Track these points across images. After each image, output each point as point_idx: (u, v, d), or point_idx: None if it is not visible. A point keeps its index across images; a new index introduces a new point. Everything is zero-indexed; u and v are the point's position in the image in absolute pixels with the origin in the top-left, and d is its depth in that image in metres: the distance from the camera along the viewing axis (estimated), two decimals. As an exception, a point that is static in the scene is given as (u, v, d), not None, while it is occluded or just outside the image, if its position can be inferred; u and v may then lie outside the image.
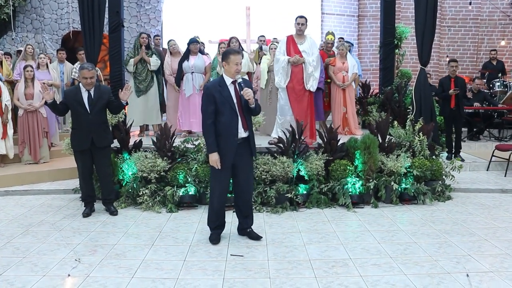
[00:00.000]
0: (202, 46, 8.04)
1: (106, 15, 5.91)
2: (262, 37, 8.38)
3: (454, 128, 7.44)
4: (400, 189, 5.32)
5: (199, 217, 4.87)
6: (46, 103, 4.81)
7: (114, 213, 4.97)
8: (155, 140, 5.42)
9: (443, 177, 5.72)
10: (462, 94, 7.48)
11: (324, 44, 7.97)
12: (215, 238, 4.11)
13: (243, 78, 4.04)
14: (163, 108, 7.28)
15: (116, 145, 5.59)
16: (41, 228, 4.55)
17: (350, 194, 5.22)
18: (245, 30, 9.35)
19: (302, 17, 5.85)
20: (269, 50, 7.04)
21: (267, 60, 6.79)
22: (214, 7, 10.96)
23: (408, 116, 6.33)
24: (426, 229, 4.50)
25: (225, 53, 3.95)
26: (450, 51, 12.29)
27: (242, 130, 3.91)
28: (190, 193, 5.18)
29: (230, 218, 4.57)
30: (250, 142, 4.00)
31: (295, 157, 5.31)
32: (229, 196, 4.59)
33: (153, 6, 11.15)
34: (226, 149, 3.87)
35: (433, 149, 5.79)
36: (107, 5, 5.96)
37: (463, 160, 7.22)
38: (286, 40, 5.93)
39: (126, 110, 6.40)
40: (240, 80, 3.91)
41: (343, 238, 4.22)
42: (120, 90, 5.03)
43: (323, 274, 3.44)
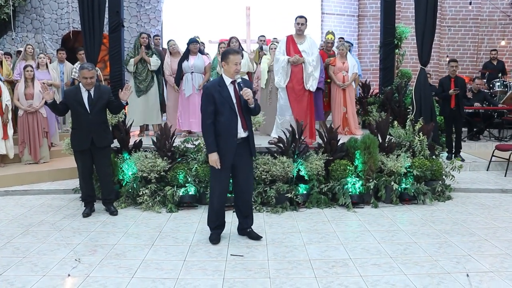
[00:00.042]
0: (202, 46, 8.05)
1: (106, 15, 5.91)
2: (262, 37, 8.38)
3: (454, 128, 7.43)
4: (400, 189, 5.32)
5: (199, 217, 4.87)
6: (46, 103, 4.81)
7: (114, 213, 4.97)
8: (155, 140, 5.42)
9: (443, 177, 5.72)
10: (462, 94, 7.48)
11: (324, 44, 7.97)
12: (215, 238, 4.11)
13: (243, 78, 4.03)
14: (163, 108, 7.28)
15: (116, 145, 5.59)
16: (41, 228, 4.55)
17: (350, 194, 5.22)
18: (245, 30, 9.35)
19: (302, 17, 5.85)
20: (269, 50, 7.04)
21: (267, 60, 6.79)
22: (214, 7, 10.96)
23: (408, 116, 6.33)
24: (426, 229, 4.50)
25: (224, 53, 3.95)
26: (450, 51, 12.29)
27: (241, 130, 3.91)
28: (190, 193, 5.18)
29: (230, 218, 4.57)
30: (250, 142, 4.00)
31: (295, 157, 5.31)
32: (229, 196, 4.59)
33: (153, 6, 11.15)
34: (225, 149, 3.87)
35: (433, 149, 5.79)
36: (107, 5, 5.96)
37: (463, 160, 7.22)
38: (286, 40, 5.93)
39: (126, 110, 6.39)
40: (239, 80, 3.91)
41: (343, 238, 4.22)
42: (120, 90, 5.03)
43: (323, 274, 3.44)
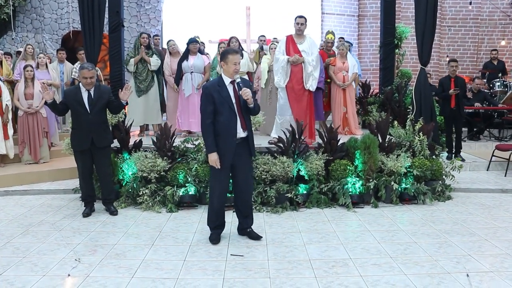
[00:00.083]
0: (202, 46, 8.05)
1: (106, 15, 5.91)
2: (263, 37, 8.39)
3: (455, 128, 7.43)
4: (400, 189, 5.32)
5: (199, 217, 4.87)
6: (46, 103, 4.81)
7: (114, 213, 4.97)
8: (155, 140, 5.41)
9: (443, 177, 5.72)
10: (462, 94, 7.49)
11: (324, 43, 7.97)
12: (215, 238, 4.11)
13: (242, 78, 4.03)
14: (164, 108, 7.28)
15: (116, 145, 5.59)
16: (41, 228, 4.55)
17: (350, 194, 5.22)
18: (245, 30, 9.34)
19: (301, 17, 5.85)
20: (269, 50, 7.04)
21: (268, 59, 6.79)
22: (214, 7, 10.96)
23: (408, 116, 6.33)
24: (426, 229, 4.50)
25: (223, 53, 3.95)
26: (450, 51, 12.28)
27: (240, 130, 3.91)
28: (190, 193, 5.18)
29: (230, 218, 4.57)
30: (249, 142, 3.99)
31: (295, 157, 5.31)
32: (229, 196, 4.59)
33: (153, 6, 11.15)
34: (225, 149, 3.87)
35: (433, 149, 5.79)
36: (107, 5, 5.95)
37: (464, 160, 7.22)
38: (286, 39, 5.93)
39: (126, 110, 6.39)
40: (238, 80, 3.90)
41: (343, 238, 4.22)
42: (120, 90, 5.03)
43: (323, 274, 3.44)
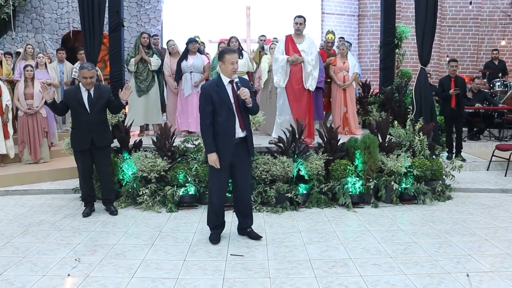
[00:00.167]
0: (202, 46, 8.05)
1: (106, 15, 5.91)
2: (263, 36, 8.38)
3: (455, 128, 7.43)
4: (400, 189, 5.32)
5: (199, 217, 4.87)
6: (46, 103, 4.81)
7: (114, 213, 4.97)
8: (155, 139, 5.41)
9: (443, 177, 5.72)
10: (462, 94, 7.49)
11: (324, 43, 7.96)
12: (215, 238, 4.11)
13: (241, 77, 4.01)
14: (164, 107, 7.28)
15: (116, 144, 5.59)
16: (41, 228, 4.55)
17: (350, 194, 5.22)
18: (245, 30, 9.35)
19: (300, 16, 5.84)
20: (269, 49, 7.04)
21: (268, 59, 6.79)
22: (214, 7, 10.96)
23: (408, 115, 6.33)
24: (426, 229, 4.49)
25: (220, 53, 3.94)
26: (450, 51, 12.29)
27: (239, 130, 3.90)
28: (190, 193, 5.18)
29: (230, 217, 4.57)
30: (248, 142, 3.99)
31: (295, 156, 5.31)
32: (229, 196, 4.58)
33: (153, 6, 11.15)
34: (223, 149, 3.87)
35: (433, 149, 5.79)
36: (107, 4, 5.95)
37: (464, 160, 7.22)
38: (285, 39, 5.92)
39: (126, 110, 6.39)
40: (236, 79, 3.89)
41: (343, 238, 4.22)
42: (120, 89, 5.03)
43: (323, 274, 3.43)
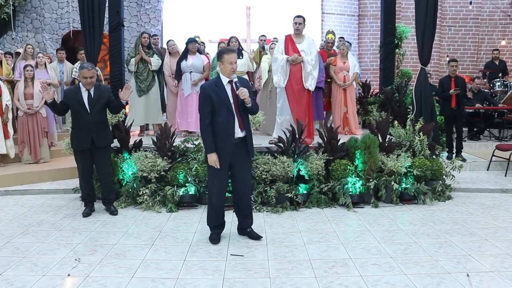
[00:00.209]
0: (203, 46, 8.05)
1: (106, 15, 5.91)
2: (263, 36, 8.38)
3: (455, 128, 7.43)
4: (400, 189, 5.32)
5: (199, 217, 4.87)
6: (46, 103, 4.81)
7: (114, 212, 4.97)
8: (155, 139, 5.41)
9: (444, 177, 5.72)
10: (463, 94, 7.49)
11: (324, 43, 7.96)
12: (215, 238, 4.11)
13: (240, 77, 4.00)
14: (164, 107, 7.28)
15: (116, 144, 5.59)
16: (41, 228, 4.55)
17: (350, 194, 5.21)
18: (245, 30, 9.34)
19: (299, 16, 5.84)
20: (269, 49, 7.03)
21: (268, 59, 6.79)
22: (214, 7, 10.96)
23: (408, 115, 6.33)
24: (426, 229, 4.49)
25: (219, 53, 3.94)
26: (450, 51, 12.28)
27: (238, 130, 3.90)
28: (190, 192, 5.18)
29: (230, 217, 4.56)
30: (247, 142, 3.98)
31: (295, 156, 5.31)
32: (229, 195, 4.58)
33: (153, 6, 11.15)
34: (223, 149, 3.86)
35: (433, 148, 5.79)
36: (107, 4, 5.95)
37: (465, 160, 7.21)
38: (285, 39, 5.90)
39: (127, 109, 6.38)
40: (236, 79, 3.88)
41: (343, 238, 4.21)
42: (120, 89, 5.03)
43: (323, 274, 3.43)
